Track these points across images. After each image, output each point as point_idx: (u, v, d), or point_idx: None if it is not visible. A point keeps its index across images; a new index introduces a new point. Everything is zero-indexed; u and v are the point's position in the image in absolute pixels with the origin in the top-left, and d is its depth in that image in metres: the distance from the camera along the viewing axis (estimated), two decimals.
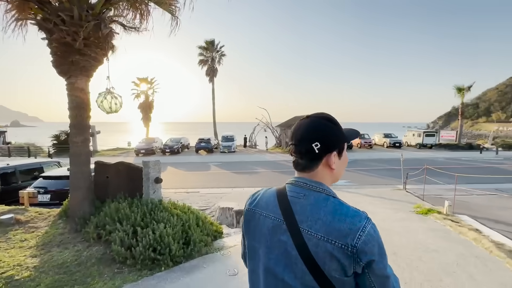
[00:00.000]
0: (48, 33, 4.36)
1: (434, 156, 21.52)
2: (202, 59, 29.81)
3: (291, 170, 1.08)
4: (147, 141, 25.13)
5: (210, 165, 18.60)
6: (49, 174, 8.26)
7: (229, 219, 6.82)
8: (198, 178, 14.35)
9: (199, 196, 10.69)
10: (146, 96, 29.03)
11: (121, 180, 5.08)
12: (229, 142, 25.16)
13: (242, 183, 12.91)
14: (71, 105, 4.55)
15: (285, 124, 27.44)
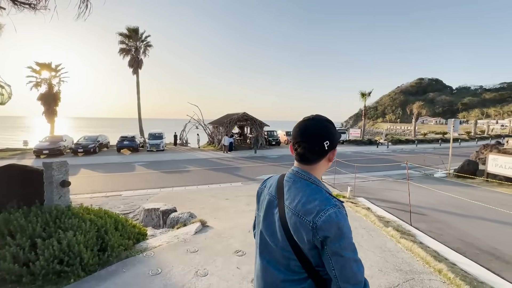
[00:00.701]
0: None
1: (344, 150, 25.35)
2: (124, 48, 26.79)
3: (223, 167, 1.20)
4: (52, 140, 21.06)
5: (135, 165, 17.05)
6: None
7: (155, 220, 6.51)
8: (120, 180, 12.99)
9: (121, 199, 9.78)
10: (50, 86, 24.22)
11: (13, 186, 4.23)
12: (157, 140, 23.55)
13: (171, 182, 12.39)
14: None
15: (217, 122, 27.46)
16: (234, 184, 11.93)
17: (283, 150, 24.89)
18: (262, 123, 25.60)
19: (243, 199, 8.74)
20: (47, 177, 3.96)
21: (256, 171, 15.07)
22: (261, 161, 18.59)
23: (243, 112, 25.03)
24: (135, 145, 22.57)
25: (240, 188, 11.04)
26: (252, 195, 9.24)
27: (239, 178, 13.14)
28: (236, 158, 19.96)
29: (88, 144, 21.12)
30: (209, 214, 6.85)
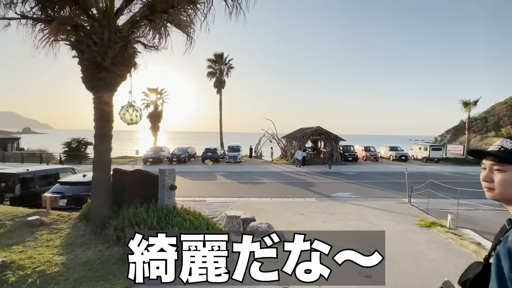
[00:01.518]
0: (80, 52, 4.88)
1: (440, 170, 21.45)
2: (210, 72, 30.76)
3: (296, 182, 1.26)
4: (155, 150, 25.70)
5: (216, 174, 18.93)
6: (66, 180, 8.71)
7: (236, 227, 7.08)
8: (204, 187, 14.66)
9: (206, 205, 10.98)
10: (156, 106, 29.90)
11: (138, 186, 5.46)
12: (235, 152, 25.55)
13: (247, 193, 13.18)
14: (97, 117, 5.01)
15: (290, 136, 27.80)
16: (308, 199, 11.74)
17: (361, 166, 22.98)
18: (337, 137, 24.49)
19: (318, 216, 8.52)
20: (161, 181, 4.96)
21: (331, 187, 14.42)
22: (336, 178, 17.68)
23: (317, 126, 24.60)
24: (217, 157, 25.12)
25: (314, 204, 10.79)
26: (328, 213, 8.91)
27: (313, 194, 12.85)
28: (309, 173, 19.62)
29: (180, 154, 24.79)
30: (285, 227, 6.98)
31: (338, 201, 11.20)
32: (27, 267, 3.48)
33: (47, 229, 4.79)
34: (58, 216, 5.43)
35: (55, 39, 5.60)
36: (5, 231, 4.47)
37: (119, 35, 4.94)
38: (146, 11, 5.29)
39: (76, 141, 26.27)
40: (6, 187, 8.31)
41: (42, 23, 5.05)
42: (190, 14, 6.05)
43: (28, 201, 8.00)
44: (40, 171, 9.62)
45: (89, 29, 4.89)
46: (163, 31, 6.35)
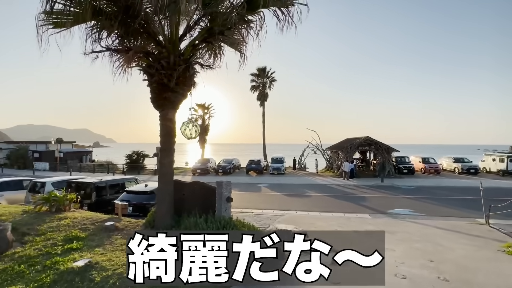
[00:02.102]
0: (150, 76, 5.51)
1: None
2: (254, 85, 31.77)
3: (345, 195, 1.16)
4: (203, 162, 27.13)
5: (260, 186, 19.03)
6: (131, 189, 9.68)
7: None
8: (250, 198, 14.81)
9: (253, 217, 11.01)
10: (203, 120, 31.83)
11: (196, 197, 5.77)
12: (278, 164, 25.45)
13: (294, 206, 12.88)
14: (162, 133, 5.52)
15: (336, 147, 26.66)
16: (361, 215, 10.94)
17: (419, 180, 20.68)
18: (389, 147, 22.64)
19: None
20: (218, 193, 5.16)
21: (386, 203, 13.24)
22: (391, 192, 16.19)
23: (366, 136, 23.16)
24: (260, 168, 25.35)
25: (368, 221, 9.99)
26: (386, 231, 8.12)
27: (366, 209, 11.94)
28: (359, 186, 18.39)
29: (226, 166, 25.69)
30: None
31: (397, 219, 10.18)
32: (108, 268, 3.90)
33: (120, 234, 5.33)
34: (128, 222, 6.02)
35: (128, 66, 6.43)
36: (89, 234, 5.13)
37: (182, 58, 5.45)
38: (205, 34, 5.75)
39: (135, 153, 29.25)
40: (85, 194, 9.58)
41: (120, 53, 5.86)
42: (243, 33, 6.37)
43: (101, 207, 9.07)
44: (111, 180, 10.90)
45: (157, 54, 5.51)
46: (218, 51, 6.80)
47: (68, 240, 4.84)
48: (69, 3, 4.90)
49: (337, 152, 25.45)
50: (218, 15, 5.37)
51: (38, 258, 4.19)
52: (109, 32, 5.52)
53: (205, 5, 5.47)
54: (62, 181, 11.28)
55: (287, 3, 5.39)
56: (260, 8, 5.50)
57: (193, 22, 5.76)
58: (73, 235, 5.04)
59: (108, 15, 4.96)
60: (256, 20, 5.99)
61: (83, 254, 4.32)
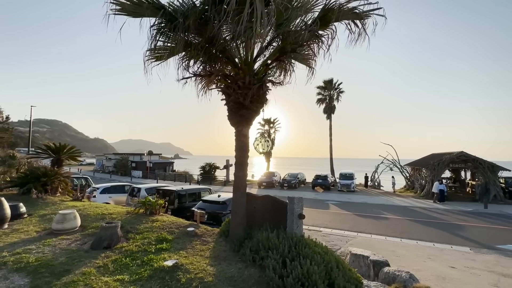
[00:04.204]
0: (227, 96, 6.03)
1: None
2: (320, 98, 31.07)
3: (433, 221, 0.84)
4: (268, 175, 27.56)
5: (328, 203, 18.00)
6: (206, 198, 10.56)
7: (363, 269, 6.23)
8: (317, 216, 14.12)
9: (322, 236, 10.41)
10: (269, 135, 32.70)
11: (267, 211, 5.85)
12: (348, 180, 23.71)
13: (368, 228, 11.65)
14: (237, 148, 5.90)
15: (419, 163, 23.20)
16: (457, 248, 9.04)
17: None
18: (494, 165, 18.33)
19: (483, 275, 6.31)
20: (290, 209, 5.11)
21: (493, 235, 10.61)
22: (500, 222, 12.92)
23: (459, 151, 19.42)
24: (327, 184, 24.09)
25: (469, 256, 8.16)
26: (498, 273, 6.47)
27: (465, 241, 9.81)
28: (452, 212, 15.36)
29: (291, 180, 25.42)
30: (433, 282, 5.52)
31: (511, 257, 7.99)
32: (191, 271, 4.28)
33: (199, 240, 5.82)
34: (205, 229, 6.54)
35: (209, 87, 7.21)
36: (175, 237, 5.79)
37: (256, 78, 5.79)
38: (277, 54, 5.99)
39: (208, 165, 32.05)
40: (169, 200, 10.93)
41: (203, 77, 6.65)
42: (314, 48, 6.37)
43: (181, 213, 10.16)
44: (190, 189, 12.18)
45: (234, 76, 6.02)
46: (288, 67, 6.97)
47: (159, 241, 5.56)
48: (167, 40, 5.90)
49: (420, 169, 22.08)
50: (290, 34, 5.53)
51: (138, 253, 4.94)
52: (195, 60, 6.36)
53: (278, 26, 5.74)
54: (152, 188, 13.23)
55: (363, 15, 5.16)
56: (332, 22, 5.43)
57: (266, 43, 6.09)
58: (163, 236, 5.77)
59: (195, 46, 5.73)
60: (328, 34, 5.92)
61: (171, 255, 4.88)
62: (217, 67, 6.56)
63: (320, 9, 5.51)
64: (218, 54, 6.03)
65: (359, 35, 5.55)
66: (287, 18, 5.53)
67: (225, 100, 6.23)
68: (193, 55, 6.00)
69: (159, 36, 5.56)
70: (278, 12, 5.46)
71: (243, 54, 6.27)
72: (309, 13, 5.91)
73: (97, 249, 5.18)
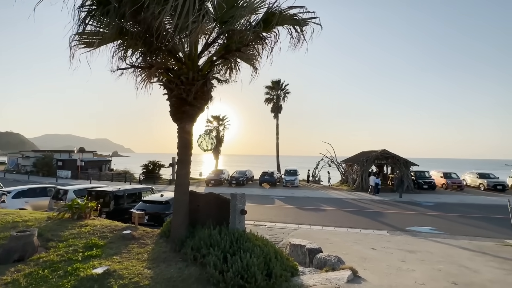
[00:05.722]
0: (169, 90, 5.78)
1: None
2: (268, 98, 32.16)
3: (361, 210, 1.09)
4: (216, 173, 27.35)
5: (274, 198, 18.85)
6: (147, 198, 9.92)
7: (300, 257, 6.77)
8: (263, 211, 14.68)
9: (266, 230, 10.89)
10: (217, 132, 32.37)
11: (210, 209, 5.84)
12: (292, 176, 25.20)
13: (308, 220, 12.64)
14: (180, 145, 5.71)
15: (351, 160, 26.12)
16: (378, 232, 10.55)
17: (441, 196, 19.71)
18: (407, 161, 21.88)
19: (395, 253, 7.51)
20: (232, 205, 5.21)
21: (405, 219, 12.69)
22: (410, 208, 15.53)
23: (382, 149, 22.58)
24: (274, 180, 25.19)
25: (386, 238, 9.61)
26: (405, 250, 7.78)
27: (384, 226, 11.50)
28: (375, 202, 17.79)
29: (239, 177, 25.74)
30: (356, 262, 6.33)
31: (417, 237, 9.72)
32: (125, 277, 4.00)
33: (137, 243, 5.46)
34: (144, 231, 6.16)
35: (150, 81, 6.78)
36: (107, 242, 5.29)
37: (200, 74, 5.70)
38: (222, 51, 6.00)
39: (152, 163, 30.03)
40: (103, 202, 9.90)
41: (143, 69, 6.21)
42: (258, 48, 6.59)
43: (118, 216, 9.32)
44: (128, 189, 11.24)
45: (177, 70, 5.80)
46: (233, 66, 7.05)
47: (88, 247, 5.02)
48: (99, 25, 5.32)
49: (353, 165, 24.91)
50: (235, 33, 5.61)
51: (61, 263, 4.37)
52: (133, 50, 5.90)
53: (222, 24, 5.75)
54: (83, 189, 11.76)
55: (301, 22, 5.56)
56: (275, 26, 5.70)
57: (211, 39, 6.04)
58: (93, 242, 5.23)
59: (133, 35, 5.32)
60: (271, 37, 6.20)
61: (101, 262, 4.46)
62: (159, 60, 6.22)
63: (264, 12, 5.73)
64: (160, 46, 5.72)
65: (299, 40, 5.96)
66: (232, 16, 5.58)
67: (167, 95, 5.96)
68: (130, 44, 5.56)
69: (89, 19, 4.99)
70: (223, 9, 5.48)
71: (187, 48, 6.09)
72: (254, 15, 6.08)
73: (5, 263, 4.40)
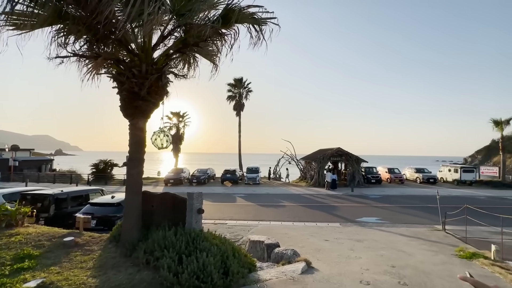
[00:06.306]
0: (120, 83, 5.34)
1: (475, 194, 19.95)
2: (230, 95, 31.93)
3: (317, 205, 1.18)
4: (176, 172, 26.29)
5: (235, 196, 18.86)
6: (96, 201, 9.09)
7: (259, 253, 6.90)
8: (224, 209, 14.60)
9: (227, 228, 10.86)
10: (178, 129, 31.10)
11: (166, 209, 5.58)
12: (254, 174, 25.50)
13: (268, 216, 12.93)
14: (132, 142, 5.33)
15: (310, 157, 27.44)
16: (332, 224, 11.29)
17: (386, 189, 21.94)
18: (358, 158, 23.83)
19: (345, 243, 8.12)
20: (189, 205, 5.05)
21: (356, 211, 13.81)
22: (360, 201, 16.95)
23: (337, 147, 24.19)
24: (236, 178, 25.17)
25: (339, 229, 10.34)
26: (354, 239, 8.47)
27: (337, 218, 12.36)
28: (330, 196, 19.01)
29: (200, 176, 25.14)
30: (311, 254, 6.69)
31: (365, 227, 10.66)
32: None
33: (81, 250, 4.96)
34: (90, 237, 5.63)
35: (97, 72, 6.19)
36: (44, 252, 4.70)
37: (155, 67, 5.38)
38: (179, 45, 5.75)
39: (103, 162, 27.56)
40: (42, 207, 8.80)
41: (89, 59, 5.64)
42: (217, 44, 6.48)
43: (61, 221, 8.37)
44: (73, 192, 10.15)
45: (128, 62, 5.38)
46: (192, 61, 6.82)
47: (18, 259, 4.38)
48: (32, 5, 4.65)
49: (311, 162, 26.20)
50: (193, 27, 5.42)
51: None
52: (76, 37, 5.31)
53: (180, 16, 5.50)
54: (15, 193, 10.27)
55: (260, 22, 5.61)
56: (234, 23, 5.65)
57: (167, 32, 5.74)
58: (25, 253, 4.59)
59: (75, 19, 4.79)
60: (231, 34, 6.14)
61: (35, 274, 3.95)
62: (107, 50, 5.71)
63: (223, 8, 5.64)
64: (108, 34, 5.25)
65: (258, 39, 6.01)
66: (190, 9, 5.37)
67: (117, 88, 5.50)
68: (72, 30, 4.99)
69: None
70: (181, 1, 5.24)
71: (140, 40, 5.70)
72: (213, 10, 5.94)
73: None
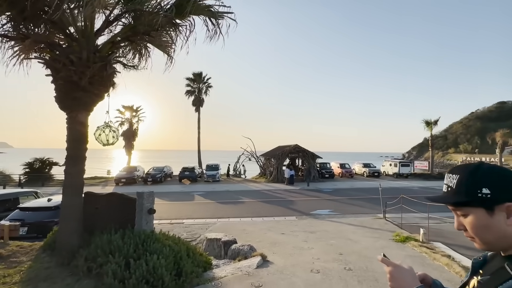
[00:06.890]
0: (55, 71, 4.70)
1: (410, 185, 22.73)
2: (189, 90, 30.77)
3: (275, 200, 1.23)
4: (129, 170, 24.44)
5: (194, 195, 18.34)
6: (27, 205, 7.92)
7: (216, 250, 6.83)
8: (182, 208, 14.10)
9: (184, 227, 10.52)
10: (131, 124, 28.90)
11: (112, 211, 5.13)
12: (213, 171, 25.11)
13: (227, 213, 12.88)
14: (70, 138, 4.74)
15: (269, 154, 28.08)
16: (288, 218, 11.74)
17: (338, 183, 23.66)
18: (314, 155, 25.19)
19: (300, 235, 8.52)
20: (139, 205, 4.72)
21: (310, 205, 14.59)
22: (315, 195, 17.97)
23: (295, 144, 25.20)
24: (195, 176, 24.47)
25: (295, 222, 10.80)
26: (308, 231, 8.95)
27: (293, 212, 12.89)
28: (288, 191, 19.75)
29: (156, 174, 23.80)
30: (267, 248, 6.86)
31: (318, 219, 11.33)
32: None
33: (4, 263, 4.27)
34: (18, 247, 4.89)
35: (26, 56, 5.37)
36: None
37: (98, 55, 4.85)
38: (128, 32, 5.29)
39: (39, 161, 24.23)
40: None
41: (15, 40, 4.83)
42: (172, 35, 6.15)
43: None
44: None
45: (66, 48, 4.76)
46: (143, 51, 6.36)
47: None
48: None
49: (270, 159, 26.84)
50: (143, 14, 5.03)
51: None
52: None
53: (128, 1, 5.06)
54: None
55: (217, 15, 5.48)
56: (189, 14, 5.41)
57: (114, 17, 5.22)
58: None
59: None
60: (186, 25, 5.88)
61: None
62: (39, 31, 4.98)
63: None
64: (40, 13, 4.57)
65: (215, 32, 5.86)
66: None
67: (51, 76, 4.83)
68: None
69: None
70: None
71: (81, 23, 5.09)
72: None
73: None
